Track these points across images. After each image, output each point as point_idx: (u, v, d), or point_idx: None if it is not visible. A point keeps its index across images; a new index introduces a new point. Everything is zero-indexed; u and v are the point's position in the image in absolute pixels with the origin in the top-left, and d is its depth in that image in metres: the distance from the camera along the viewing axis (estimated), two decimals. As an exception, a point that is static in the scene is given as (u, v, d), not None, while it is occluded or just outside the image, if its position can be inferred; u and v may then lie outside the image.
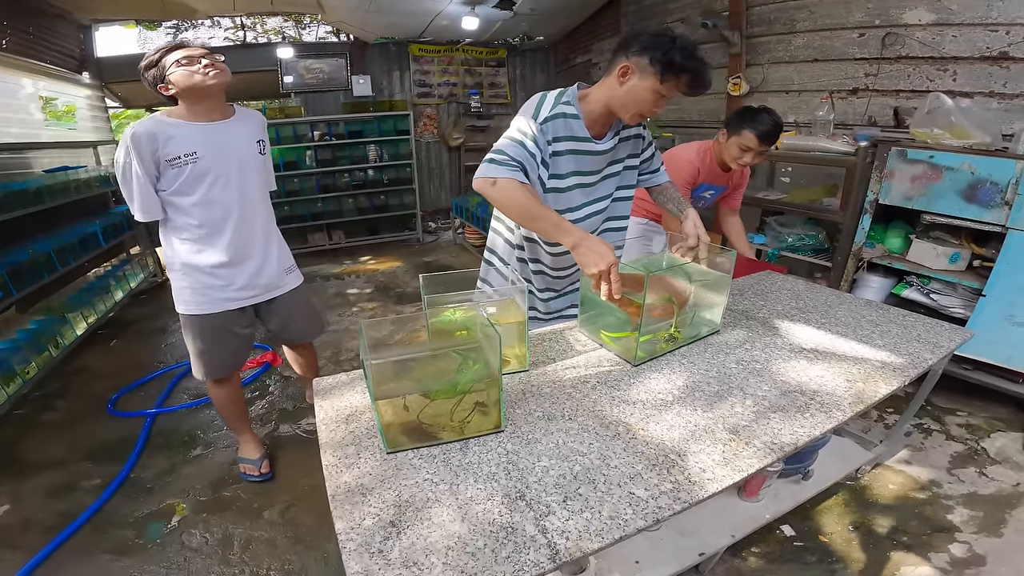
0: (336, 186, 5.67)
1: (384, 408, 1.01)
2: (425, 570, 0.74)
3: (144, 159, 1.64)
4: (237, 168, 1.79)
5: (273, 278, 1.96)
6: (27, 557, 1.73)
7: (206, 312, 1.85)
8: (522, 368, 1.33)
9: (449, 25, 5.31)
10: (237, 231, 1.82)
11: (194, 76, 1.63)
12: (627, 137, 1.48)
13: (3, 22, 3.79)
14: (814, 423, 1.08)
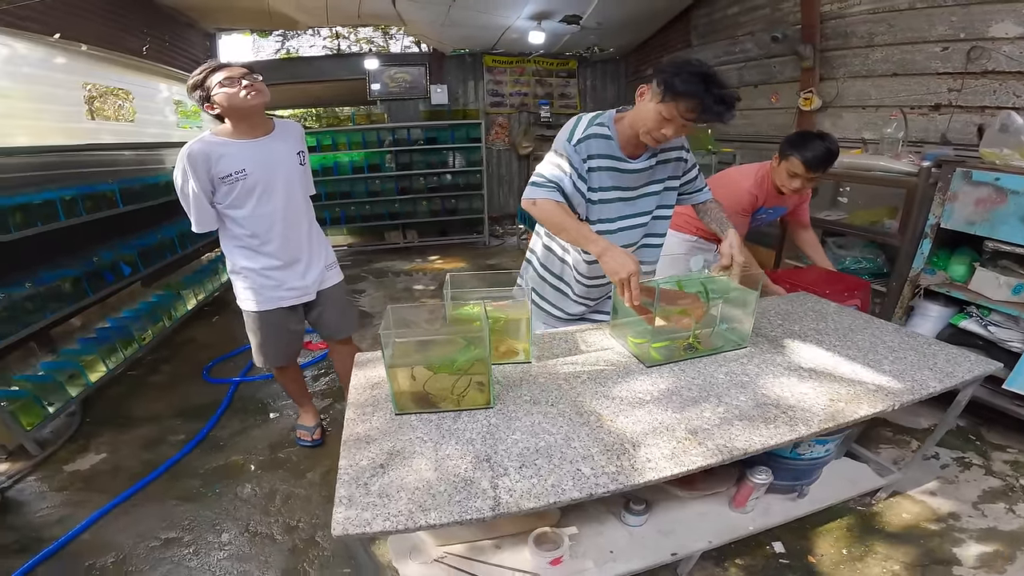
0: (412, 189, 6.12)
1: (396, 375, 1.24)
2: (392, 501, 0.95)
3: (200, 177, 1.79)
4: (281, 181, 1.92)
5: (317, 276, 2.13)
6: (109, 500, 2.10)
7: (262, 309, 2.05)
8: (526, 359, 1.51)
9: (519, 38, 5.56)
10: (284, 237, 1.98)
11: (235, 97, 1.74)
12: (667, 160, 1.57)
13: (144, 31, 4.45)
14: (772, 434, 1.16)
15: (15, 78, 3.31)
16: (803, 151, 1.98)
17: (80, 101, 3.95)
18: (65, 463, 2.38)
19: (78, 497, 2.15)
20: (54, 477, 2.29)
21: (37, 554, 1.80)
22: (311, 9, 4.71)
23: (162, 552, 1.84)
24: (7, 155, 3.16)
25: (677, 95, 1.28)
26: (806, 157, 1.98)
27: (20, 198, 2.71)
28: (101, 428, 2.67)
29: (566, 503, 0.96)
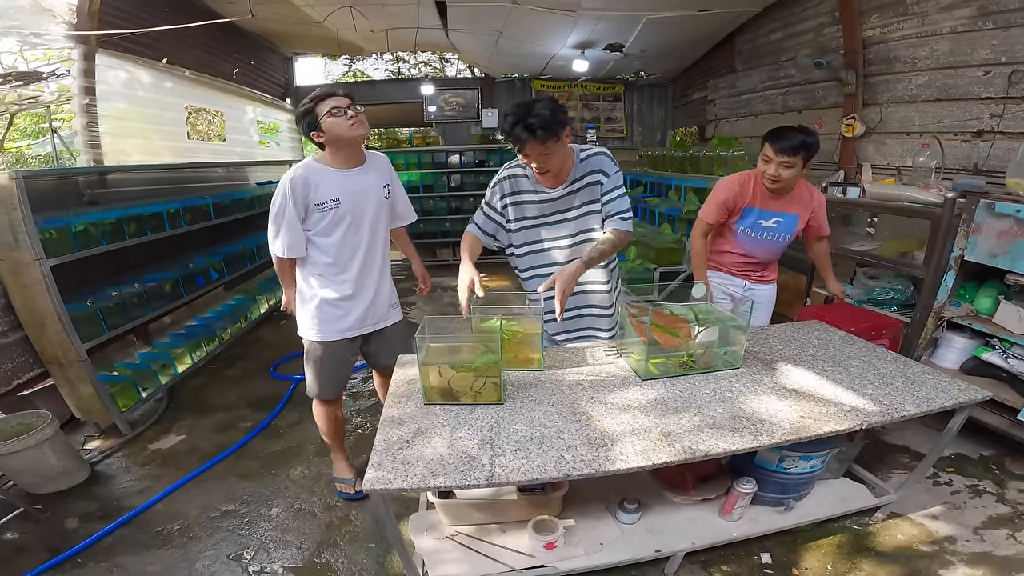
0: (463, 209, 6.51)
1: (426, 372, 1.53)
2: (411, 466, 1.23)
3: (297, 202, 1.84)
4: (370, 213, 1.97)
5: (381, 312, 2.14)
6: (183, 475, 2.47)
7: (327, 339, 2.04)
8: (538, 368, 1.76)
9: (565, 65, 5.88)
10: (361, 268, 2.01)
11: (342, 126, 1.79)
12: (580, 187, 1.80)
13: (234, 56, 5.02)
14: (735, 441, 1.35)
15: (131, 100, 3.94)
16: (774, 137, 2.06)
17: (183, 122, 4.59)
18: (150, 442, 2.82)
19: (157, 472, 2.54)
20: (139, 454, 2.72)
21: (115, 520, 2.16)
22: (374, 39, 5.22)
23: (220, 521, 2.17)
24: (126, 172, 3.78)
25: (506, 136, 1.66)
26: (775, 140, 2.05)
27: (134, 210, 3.25)
28: (182, 413, 3.12)
29: (546, 480, 1.21)
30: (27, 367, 2.75)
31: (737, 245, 2.39)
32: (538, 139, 1.58)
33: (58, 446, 2.42)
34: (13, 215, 2.50)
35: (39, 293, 2.60)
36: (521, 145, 1.62)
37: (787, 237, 2.31)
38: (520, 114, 1.59)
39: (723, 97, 5.61)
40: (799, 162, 2.06)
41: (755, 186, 2.25)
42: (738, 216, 2.29)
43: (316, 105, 1.80)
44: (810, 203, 2.28)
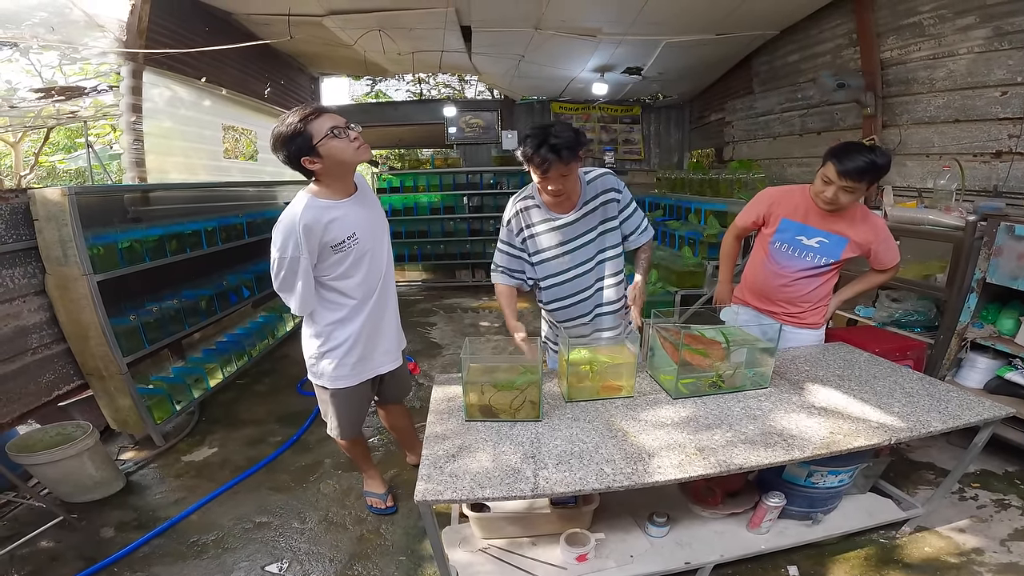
0: (483, 230, 6.66)
1: (469, 390, 1.60)
2: (458, 479, 1.30)
3: (312, 249, 1.59)
4: (381, 240, 1.82)
5: (397, 347, 2.04)
6: (217, 487, 2.53)
7: (355, 384, 1.89)
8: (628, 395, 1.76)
9: (584, 88, 6.03)
10: (379, 302, 1.85)
11: (348, 151, 1.57)
12: (595, 207, 1.82)
13: (266, 76, 5.18)
14: (768, 455, 1.40)
15: (174, 118, 4.10)
16: (839, 155, 1.84)
17: (219, 141, 4.76)
18: (183, 454, 2.90)
19: (191, 483, 2.61)
20: (172, 466, 2.80)
21: (151, 530, 2.21)
22: (400, 61, 5.41)
23: (254, 533, 2.23)
24: (168, 189, 3.93)
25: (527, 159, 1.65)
26: (839, 160, 1.82)
27: (176, 227, 3.40)
28: (214, 426, 3.21)
29: (588, 491, 1.26)
30: (67, 379, 2.85)
31: (769, 265, 2.15)
32: (563, 160, 1.58)
33: (97, 457, 2.51)
34: (64, 231, 2.62)
35: (85, 307, 2.72)
36: (547, 167, 1.60)
37: (828, 262, 2.04)
38: (542, 136, 1.58)
39: (741, 119, 5.70)
40: (863, 187, 1.85)
41: (804, 199, 2.05)
42: (775, 227, 2.10)
43: (308, 125, 1.53)
44: (863, 227, 2.01)
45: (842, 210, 1.98)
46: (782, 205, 2.11)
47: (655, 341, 1.89)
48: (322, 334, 1.83)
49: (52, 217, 2.64)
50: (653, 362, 1.94)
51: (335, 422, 2.02)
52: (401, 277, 7.26)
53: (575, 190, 1.78)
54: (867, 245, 2.04)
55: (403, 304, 6.30)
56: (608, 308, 1.95)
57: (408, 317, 5.65)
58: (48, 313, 2.78)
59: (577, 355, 1.76)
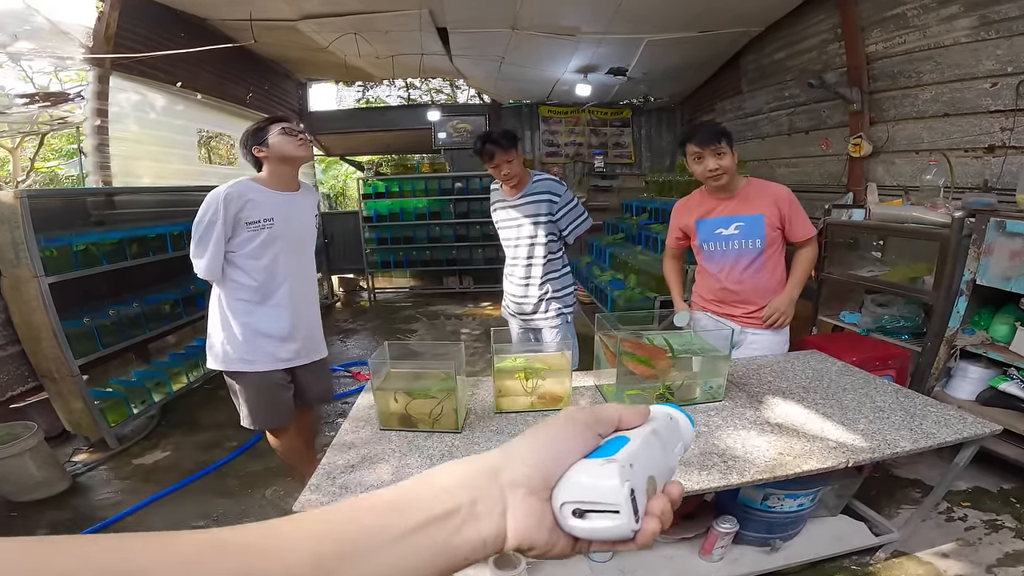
0: (470, 236, 6.51)
1: (380, 397, 1.47)
2: (348, 491, 1.18)
3: (227, 219, 1.75)
4: (299, 237, 1.96)
5: (316, 343, 2.08)
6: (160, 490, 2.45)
7: (262, 369, 1.91)
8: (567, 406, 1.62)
9: (570, 90, 5.91)
10: (292, 296, 1.92)
11: (289, 144, 1.82)
12: (538, 200, 2.27)
13: (248, 81, 5.13)
14: (702, 480, 1.25)
15: (144, 123, 4.05)
16: (689, 136, 2.02)
17: (194, 145, 4.71)
18: (135, 457, 2.82)
19: (137, 486, 2.53)
20: (122, 468, 2.72)
21: (83, 530, 2.14)
22: (381, 65, 5.34)
23: None
24: (133, 194, 3.87)
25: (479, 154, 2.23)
26: (691, 137, 1.99)
27: (138, 231, 3.32)
28: (172, 430, 3.12)
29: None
30: (22, 380, 2.79)
31: (711, 269, 2.17)
32: (501, 147, 2.16)
33: (40, 457, 2.44)
34: (16, 233, 2.56)
35: (36, 309, 2.65)
36: (492, 155, 2.17)
37: (758, 243, 2.03)
38: (486, 135, 2.22)
39: (730, 119, 5.55)
40: (727, 148, 1.96)
41: (701, 195, 2.17)
42: (695, 232, 2.16)
43: (269, 124, 1.84)
44: (767, 198, 2.03)
45: (733, 186, 2.07)
46: (689, 210, 2.20)
47: (599, 349, 1.75)
48: (227, 312, 1.88)
49: (5, 219, 2.59)
50: (598, 372, 1.81)
51: (245, 409, 1.99)
52: (388, 284, 7.17)
53: (522, 179, 2.30)
54: (779, 213, 2.04)
55: (387, 311, 6.28)
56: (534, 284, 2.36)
57: (390, 324, 5.55)
58: (3, 315, 2.72)
59: (510, 363, 1.62)
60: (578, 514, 0.35)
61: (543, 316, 2.41)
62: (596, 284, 4.66)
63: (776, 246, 2.09)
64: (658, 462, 0.38)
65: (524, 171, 2.31)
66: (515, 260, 2.41)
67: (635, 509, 0.34)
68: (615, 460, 0.35)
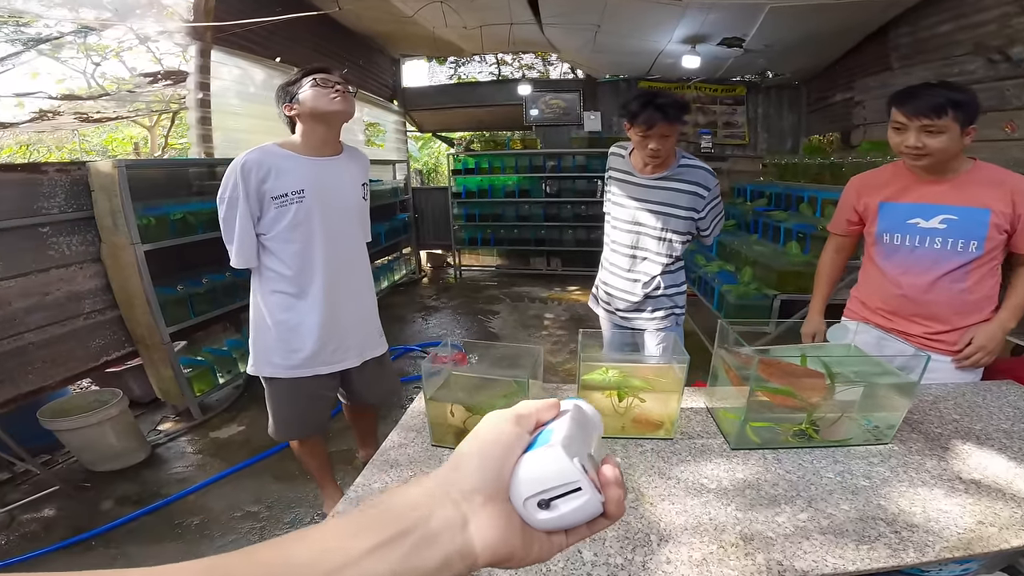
0: (560, 216, 6.21)
1: (432, 408, 1.23)
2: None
3: (250, 193, 1.48)
4: (340, 213, 1.63)
5: (367, 342, 1.77)
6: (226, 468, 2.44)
7: (296, 376, 1.64)
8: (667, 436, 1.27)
9: (674, 63, 5.29)
10: (333, 285, 1.62)
11: (322, 98, 1.51)
12: (680, 189, 1.82)
13: (343, 55, 5.13)
14: (860, 557, 0.87)
15: (244, 97, 4.15)
16: (901, 97, 1.45)
17: None
18: (213, 430, 2.85)
19: (206, 462, 2.54)
20: (199, 441, 2.75)
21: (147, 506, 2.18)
22: (470, 36, 5.09)
23: (238, 523, 2.09)
24: (224, 165, 3.98)
25: (633, 116, 1.72)
26: (896, 99, 1.46)
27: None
28: (251, 404, 3.14)
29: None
30: (118, 345, 2.91)
31: (888, 270, 1.64)
32: (668, 118, 1.68)
33: (120, 427, 2.49)
34: (114, 201, 2.65)
35: (132, 276, 2.74)
36: (650, 123, 1.69)
37: (974, 247, 1.48)
38: (649, 96, 1.70)
39: (874, 98, 4.71)
40: (952, 125, 1.39)
41: (894, 171, 1.61)
42: (875, 218, 1.63)
43: (302, 76, 1.55)
44: (1007, 191, 1.46)
45: (945, 166, 1.48)
46: (874, 188, 1.64)
47: (717, 367, 1.38)
48: (262, 309, 1.63)
49: (104, 188, 2.68)
50: (714, 392, 1.43)
51: (270, 418, 1.75)
52: (475, 261, 7.05)
53: (669, 159, 1.84)
54: (1015, 213, 1.46)
55: (471, 289, 6.17)
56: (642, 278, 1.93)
57: (473, 303, 5.41)
58: (103, 280, 2.85)
59: (599, 376, 1.29)
60: (543, 505, 0.34)
61: (648, 316, 1.96)
62: (699, 275, 4.13)
63: (996, 255, 1.53)
64: (587, 444, 0.38)
65: (673, 151, 1.84)
66: (619, 246, 1.95)
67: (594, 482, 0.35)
68: (555, 444, 0.35)
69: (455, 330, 4.63)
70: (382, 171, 6.10)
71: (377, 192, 5.48)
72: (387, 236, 5.53)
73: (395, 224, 5.85)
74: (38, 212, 2.54)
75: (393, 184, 6.10)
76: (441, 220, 6.71)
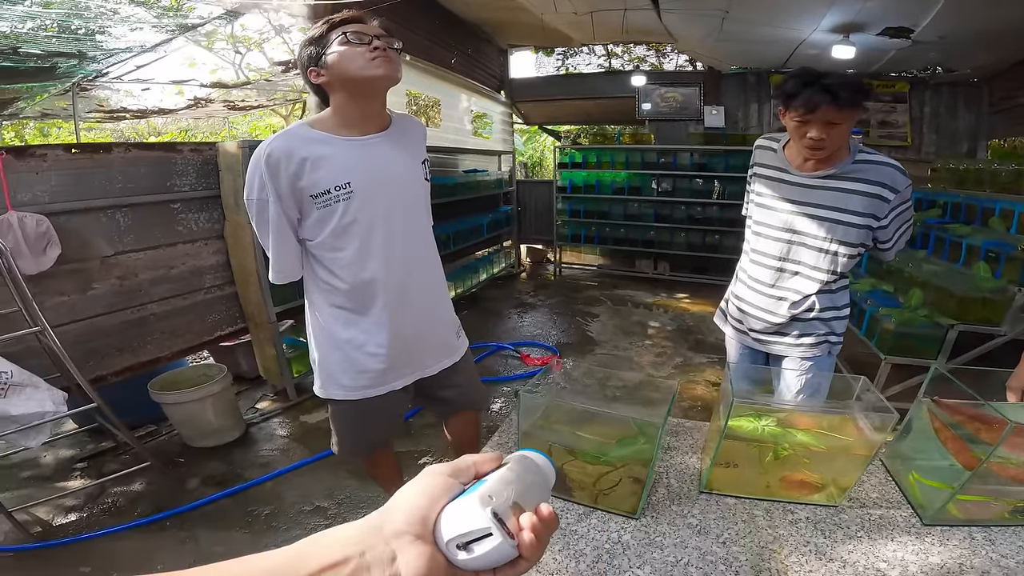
0: (672, 217, 5.74)
1: (526, 442, 1.00)
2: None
3: (282, 193, 1.19)
4: (401, 203, 1.31)
5: (443, 346, 1.50)
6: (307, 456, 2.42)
7: (362, 397, 1.40)
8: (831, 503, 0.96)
9: (819, 55, 4.53)
10: (402, 291, 1.34)
11: (354, 58, 1.16)
12: (855, 190, 1.42)
13: (452, 44, 5.08)
14: None
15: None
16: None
17: (403, 106, 4.86)
18: (304, 413, 2.88)
19: (291, 447, 2.54)
20: (289, 423, 2.78)
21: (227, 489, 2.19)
22: (580, 24, 4.79)
23: (305, 517, 2.03)
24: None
25: (790, 97, 1.35)
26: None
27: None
28: (343, 390, 3.19)
29: None
30: (232, 321, 3.04)
31: None
32: (837, 103, 1.30)
33: (220, 404, 2.55)
34: (237, 181, 2.73)
35: (248, 255, 2.84)
36: (813, 106, 1.32)
37: None
38: (813, 75, 1.35)
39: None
40: None
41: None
42: None
43: (330, 30, 1.18)
44: None
45: None
46: None
47: (919, 419, 1.03)
48: (318, 323, 1.37)
49: (229, 167, 2.79)
50: (901, 447, 1.08)
51: (333, 436, 1.53)
52: (576, 259, 6.76)
53: (841, 153, 1.44)
54: None
55: (571, 288, 5.90)
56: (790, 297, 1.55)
57: (571, 303, 5.15)
58: (224, 257, 2.99)
59: (749, 424, 0.99)
60: (462, 547, 0.39)
61: (792, 341, 1.59)
62: (846, 292, 3.45)
63: None
64: (521, 492, 0.42)
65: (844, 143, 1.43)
66: (763, 256, 1.59)
67: (506, 529, 0.39)
68: (475, 494, 0.41)
69: (550, 331, 4.40)
70: (487, 161, 6.02)
71: (481, 183, 5.41)
72: (489, 228, 5.46)
73: (498, 216, 5.76)
74: (171, 189, 2.70)
75: (498, 175, 6.00)
76: (544, 214, 6.51)
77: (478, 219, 5.25)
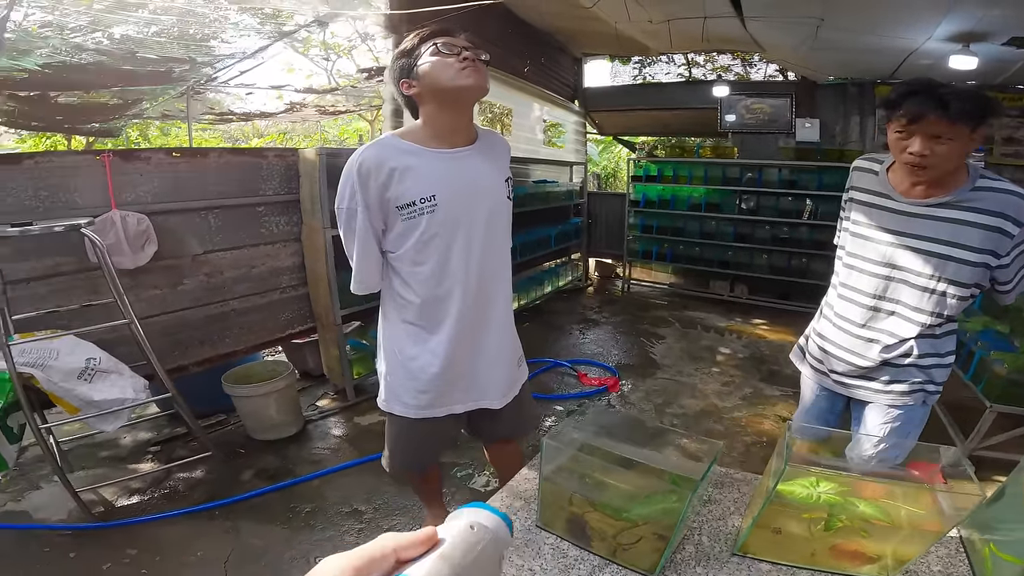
0: (754, 237, 5.36)
1: (548, 489, 0.95)
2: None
3: (371, 202, 1.21)
4: (484, 219, 1.30)
5: (508, 375, 1.47)
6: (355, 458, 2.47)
7: (421, 417, 1.40)
8: None
9: (934, 65, 4.03)
10: (476, 311, 1.34)
11: (445, 69, 1.18)
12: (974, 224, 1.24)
13: (525, 53, 5.08)
14: None
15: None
16: None
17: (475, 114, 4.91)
18: (359, 414, 2.96)
19: (341, 447, 2.62)
20: (344, 424, 2.87)
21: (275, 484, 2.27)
22: (655, 33, 4.59)
23: (342, 520, 2.07)
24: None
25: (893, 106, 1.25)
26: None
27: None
28: (402, 392, 3.26)
29: None
30: (303, 319, 3.22)
31: None
32: (947, 114, 1.15)
33: (282, 400, 2.68)
34: (314, 187, 2.90)
35: (320, 258, 2.99)
36: (915, 117, 1.20)
37: None
38: (924, 84, 1.22)
39: None
40: None
41: None
42: None
43: (422, 42, 1.21)
44: None
45: None
46: None
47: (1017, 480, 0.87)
48: (391, 337, 1.40)
49: (308, 174, 2.96)
50: (985, 514, 0.90)
51: (385, 449, 1.58)
52: (646, 276, 6.50)
53: (948, 178, 1.27)
54: None
55: (638, 306, 5.74)
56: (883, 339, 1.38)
57: (637, 323, 4.97)
58: (299, 259, 3.18)
59: (803, 489, 0.85)
60: None
61: (880, 388, 1.42)
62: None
63: None
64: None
65: (962, 165, 1.26)
66: (854, 292, 1.43)
67: None
68: None
69: (611, 350, 4.26)
70: (559, 172, 5.96)
71: (551, 193, 5.34)
72: (557, 239, 5.40)
73: (567, 228, 5.67)
74: (257, 193, 2.91)
75: (569, 187, 5.92)
76: (615, 228, 6.30)
77: (547, 230, 5.20)
